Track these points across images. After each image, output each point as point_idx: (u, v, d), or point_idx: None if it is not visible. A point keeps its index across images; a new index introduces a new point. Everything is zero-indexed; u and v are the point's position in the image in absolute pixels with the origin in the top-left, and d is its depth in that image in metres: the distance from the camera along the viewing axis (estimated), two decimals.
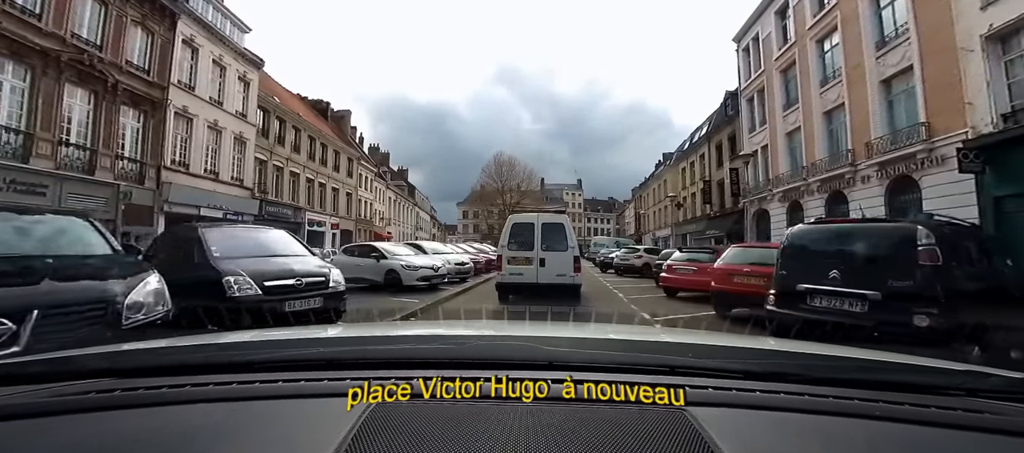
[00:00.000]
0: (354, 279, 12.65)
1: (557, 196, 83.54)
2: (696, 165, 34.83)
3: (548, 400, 0.73)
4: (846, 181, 17.16)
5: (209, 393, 0.77)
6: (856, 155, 16.67)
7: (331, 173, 33.23)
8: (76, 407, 0.73)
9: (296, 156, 28.38)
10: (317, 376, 0.83)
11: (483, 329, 1.59)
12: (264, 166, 25.40)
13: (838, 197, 18.03)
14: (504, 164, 56.88)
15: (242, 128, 22.88)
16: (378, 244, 13.56)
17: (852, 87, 16.86)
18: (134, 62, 16.92)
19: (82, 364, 0.93)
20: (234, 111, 22.41)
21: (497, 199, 56.18)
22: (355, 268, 12.88)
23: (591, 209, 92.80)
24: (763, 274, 6.94)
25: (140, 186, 16.70)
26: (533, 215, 10.79)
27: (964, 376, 0.90)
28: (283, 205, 26.50)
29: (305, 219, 28.43)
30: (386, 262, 12.08)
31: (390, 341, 1.19)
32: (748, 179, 25.37)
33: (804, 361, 1.01)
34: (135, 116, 17.10)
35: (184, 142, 19.21)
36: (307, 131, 30.05)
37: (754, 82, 24.67)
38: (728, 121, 28.85)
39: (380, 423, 0.65)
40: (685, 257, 11.66)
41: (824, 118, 18.89)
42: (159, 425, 0.69)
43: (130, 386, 0.79)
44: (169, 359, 0.96)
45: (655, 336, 1.51)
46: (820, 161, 18.69)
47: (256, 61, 24.05)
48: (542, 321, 2.00)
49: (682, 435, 0.63)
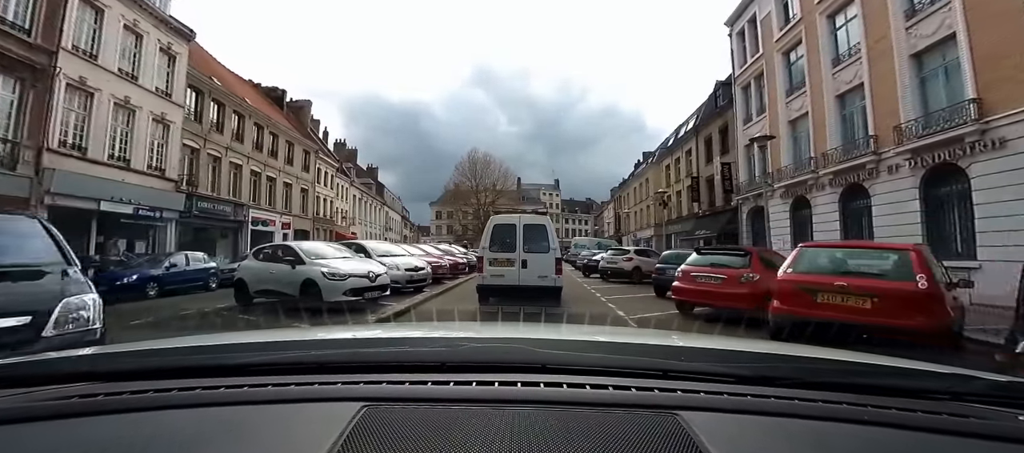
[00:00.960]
0: (263, 292, 9.58)
1: (534, 196, 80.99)
2: (682, 162, 32.68)
3: (541, 403, 0.72)
4: (867, 172, 14.94)
5: (196, 397, 0.75)
6: (880, 142, 14.45)
7: (284, 167, 29.68)
8: (56, 412, 0.71)
9: (238, 146, 24.83)
10: (308, 380, 0.82)
11: (476, 331, 1.56)
12: (196, 155, 21.86)
13: (855, 191, 15.84)
14: (479, 162, 54.02)
15: (165, 109, 19.33)
16: (296, 244, 10.36)
17: (874, 64, 14.66)
18: (8, 18, 13.44)
19: (63, 367, 0.91)
20: (154, 88, 18.87)
21: (471, 198, 53.25)
22: (266, 277, 9.81)
23: (569, 210, 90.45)
24: (869, 291, 4.34)
25: (10, 172, 13.17)
26: (515, 216, 10.56)
27: (950, 380, 0.89)
28: (219, 200, 22.97)
29: (247, 217, 24.93)
30: (303, 269, 8.95)
31: (381, 344, 1.18)
32: (741, 175, 23.19)
33: (794, 365, 1.02)
34: (7, 85, 13.57)
35: (80, 121, 15.66)
36: (254, 118, 26.51)
37: (750, 68, 22.50)
38: (719, 113, 26.70)
39: (371, 427, 0.64)
40: (706, 261, 9.02)
41: (837, 102, 16.71)
42: (144, 430, 0.67)
43: (113, 390, 0.77)
44: (155, 362, 0.94)
45: (647, 339, 1.52)
46: (832, 151, 16.49)
47: (185, 32, 20.52)
48: (535, 323, 2.17)
49: (673, 439, 0.63)
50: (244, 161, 25.30)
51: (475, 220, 51.92)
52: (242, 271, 10.45)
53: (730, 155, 24.87)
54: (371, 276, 9.32)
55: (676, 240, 29.88)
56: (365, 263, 9.96)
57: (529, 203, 78.58)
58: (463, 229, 58.78)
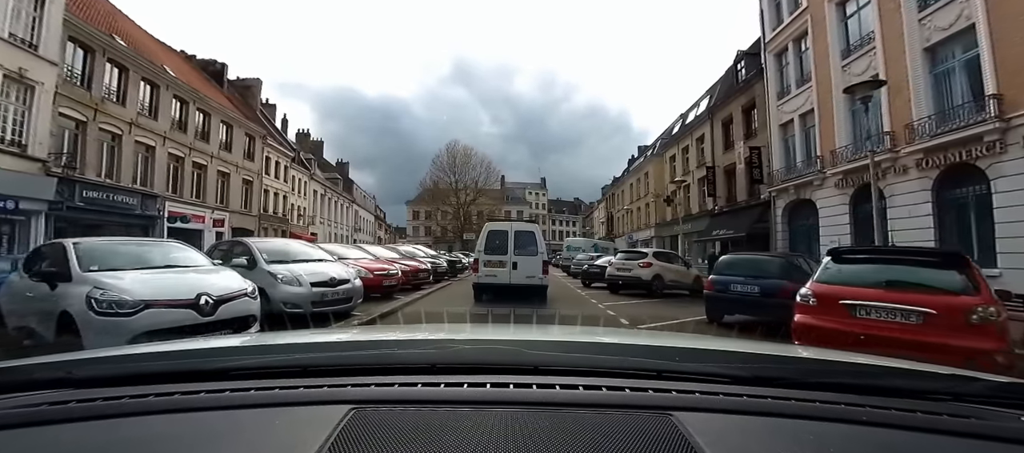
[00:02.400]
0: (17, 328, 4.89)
1: (519, 196, 76.41)
2: (692, 151, 28.43)
3: (533, 405, 0.71)
4: (987, 146, 10.76)
5: (174, 403, 0.72)
6: (1008, 102, 10.29)
7: (219, 153, 24.55)
8: (24, 420, 0.68)
9: (150, 122, 19.72)
10: (292, 384, 0.79)
11: (467, 333, 1.54)
12: (82, 130, 16.77)
13: (961, 172, 11.66)
14: (459, 155, 49.20)
15: (26, 64, 14.26)
16: (72, 242, 5.39)
17: None
18: None
19: (33, 374, 0.87)
20: (8, 34, 13.83)
21: (450, 197, 48.43)
22: (23, 303, 5.10)
23: (556, 210, 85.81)
24: None
25: None
26: (507, 223, 11.81)
27: (950, 380, 0.87)
28: (118, 189, 17.84)
29: (163, 211, 19.86)
30: (73, 292, 4.42)
31: (369, 346, 1.16)
32: (775, 161, 19.00)
33: (791, 365, 1.02)
34: None
35: None
36: (175, 91, 21.40)
37: (788, 29, 18.30)
38: (742, 89, 22.51)
39: (359, 430, 0.62)
40: (874, 279, 4.60)
41: (926, 57, 12.52)
42: (118, 437, 0.64)
43: (86, 397, 0.74)
44: (130, 368, 0.92)
45: (641, 340, 1.46)
46: (920, 122, 12.29)
47: None
48: (527, 325, 2.07)
49: (669, 440, 0.61)
50: (158, 142, 20.17)
51: (455, 220, 47.26)
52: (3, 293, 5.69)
53: (758, 138, 20.67)
54: (205, 304, 4.63)
55: (685, 243, 25.61)
56: (206, 277, 5.21)
57: (514, 203, 74.01)
58: (442, 230, 53.96)
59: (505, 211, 71.86)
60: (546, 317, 7.30)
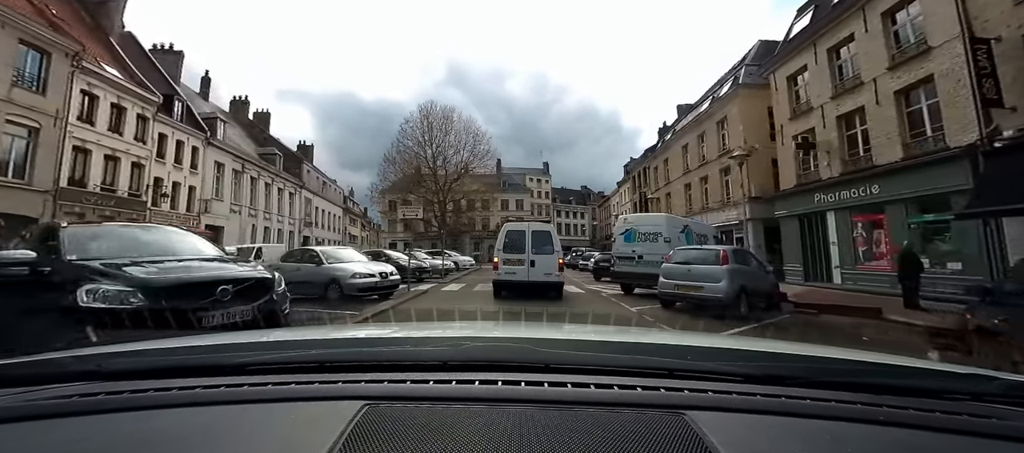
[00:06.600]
0: None
1: (518, 182, 64.04)
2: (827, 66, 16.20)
3: (544, 403, 0.70)
4: None
5: (196, 396, 0.73)
6: None
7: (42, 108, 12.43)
8: (56, 411, 0.69)
9: None
10: (309, 379, 0.80)
11: (479, 330, 1.49)
12: None
13: None
14: (437, 120, 36.45)
15: None
16: None
17: None
18: None
19: (64, 367, 0.88)
20: None
21: (428, 178, 35.78)
22: None
23: (561, 200, 73.30)
24: None
25: None
26: (524, 224, 12.13)
27: (968, 380, 0.84)
28: None
29: None
30: None
31: (383, 343, 1.15)
32: None
33: (806, 364, 0.97)
34: None
35: None
36: None
37: None
38: None
39: (373, 426, 0.62)
40: None
41: None
42: (143, 429, 0.65)
43: (113, 389, 0.75)
44: (156, 362, 0.91)
45: (653, 338, 1.42)
46: None
47: None
48: (538, 322, 2.16)
49: (681, 439, 0.61)
50: None
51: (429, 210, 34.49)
52: None
53: None
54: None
55: (835, 220, 13.50)
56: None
57: (513, 190, 61.64)
58: (424, 224, 40.53)
59: (502, 200, 59.63)
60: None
